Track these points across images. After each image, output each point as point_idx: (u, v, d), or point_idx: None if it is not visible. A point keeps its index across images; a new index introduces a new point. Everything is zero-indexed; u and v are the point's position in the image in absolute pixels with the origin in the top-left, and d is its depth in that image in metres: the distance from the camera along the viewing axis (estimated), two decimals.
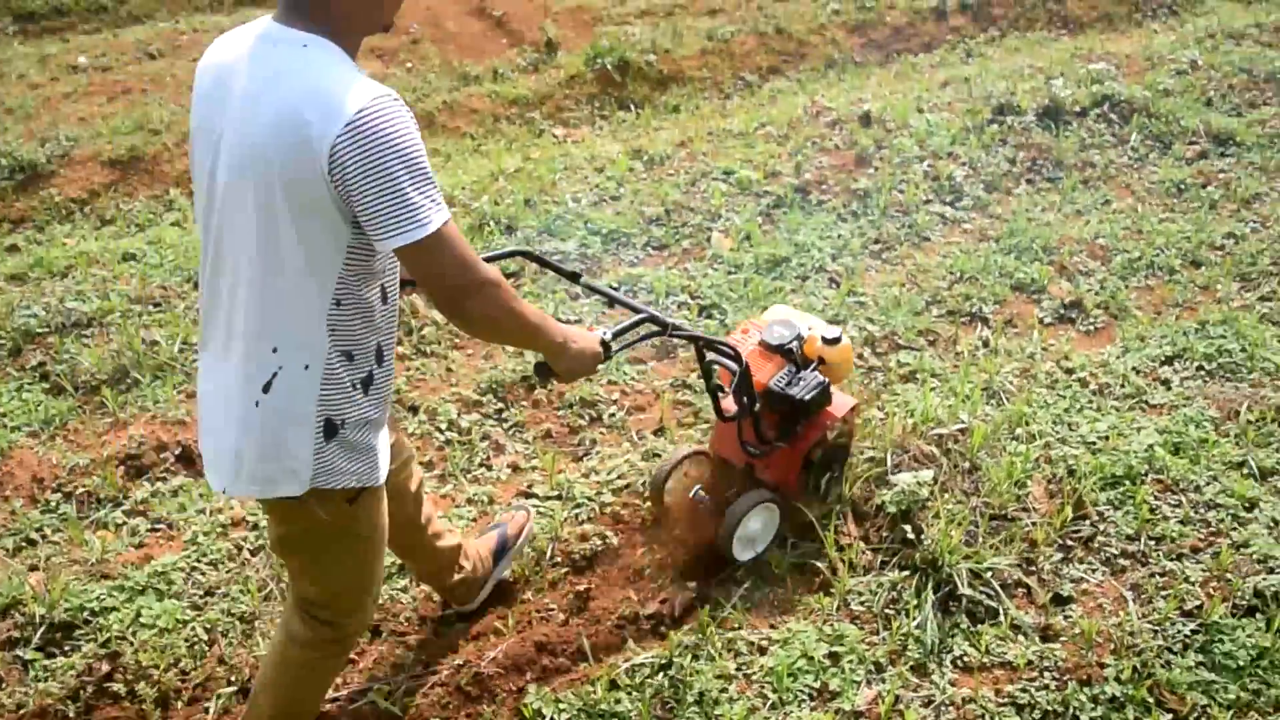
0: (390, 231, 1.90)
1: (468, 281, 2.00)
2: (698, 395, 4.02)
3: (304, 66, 1.91)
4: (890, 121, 5.70)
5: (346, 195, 1.89)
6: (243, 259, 2.01)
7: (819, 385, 3.13)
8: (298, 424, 2.07)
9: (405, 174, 1.88)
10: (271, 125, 1.89)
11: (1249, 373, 4.05)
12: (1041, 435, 3.70)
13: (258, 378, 2.05)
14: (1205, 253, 4.85)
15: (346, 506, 2.20)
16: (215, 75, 2.03)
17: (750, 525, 3.20)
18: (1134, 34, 7.54)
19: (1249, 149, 5.66)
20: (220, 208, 2.02)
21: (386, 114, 1.88)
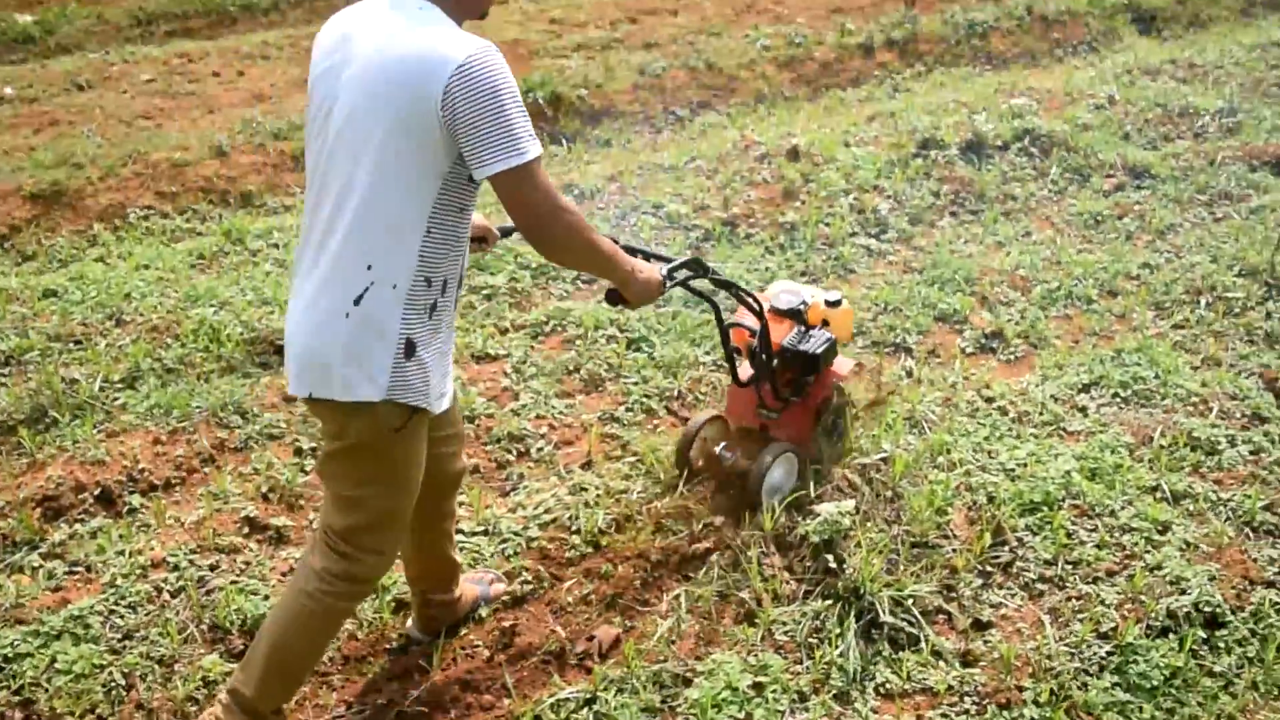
0: (494, 158, 2.17)
1: (553, 206, 2.27)
2: (625, 428, 4.04)
3: (421, 22, 2.25)
4: (818, 155, 5.80)
5: (454, 128, 2.16)
6: (351, 185, 2.26)
7: (828, 341, 3.46)
8: (383, 337, 2.30)
9: (508, 109, 2.18)
10: (395, 69, 2.19)
11: (1162, 399, 4.16)
12: (962, 463, 3.77)
13: (351, 290, 2.28)
14: (1121, 282, 4.99)
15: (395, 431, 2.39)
16: (340, 33, 2.34)
17: (775, 475, 3.46)
18: (1055, 70, 7.76)
19: (1163, 181, 5.84)
20: (334, 143, 2.29)
21: (490, 61, 2.19)
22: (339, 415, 2.41)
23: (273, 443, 3.87)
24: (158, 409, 3.99)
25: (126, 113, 8.39)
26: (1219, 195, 5.75)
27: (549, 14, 10.55)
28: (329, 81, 2.31)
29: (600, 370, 4.30)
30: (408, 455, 2.49)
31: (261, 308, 4.46)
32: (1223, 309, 4.75)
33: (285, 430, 3.90)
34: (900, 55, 7.83)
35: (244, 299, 4.51)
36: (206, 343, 4.27)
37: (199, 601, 3.24)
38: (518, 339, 4.47)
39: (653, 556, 3.43)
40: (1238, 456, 3.87)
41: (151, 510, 3.60)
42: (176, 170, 5.71)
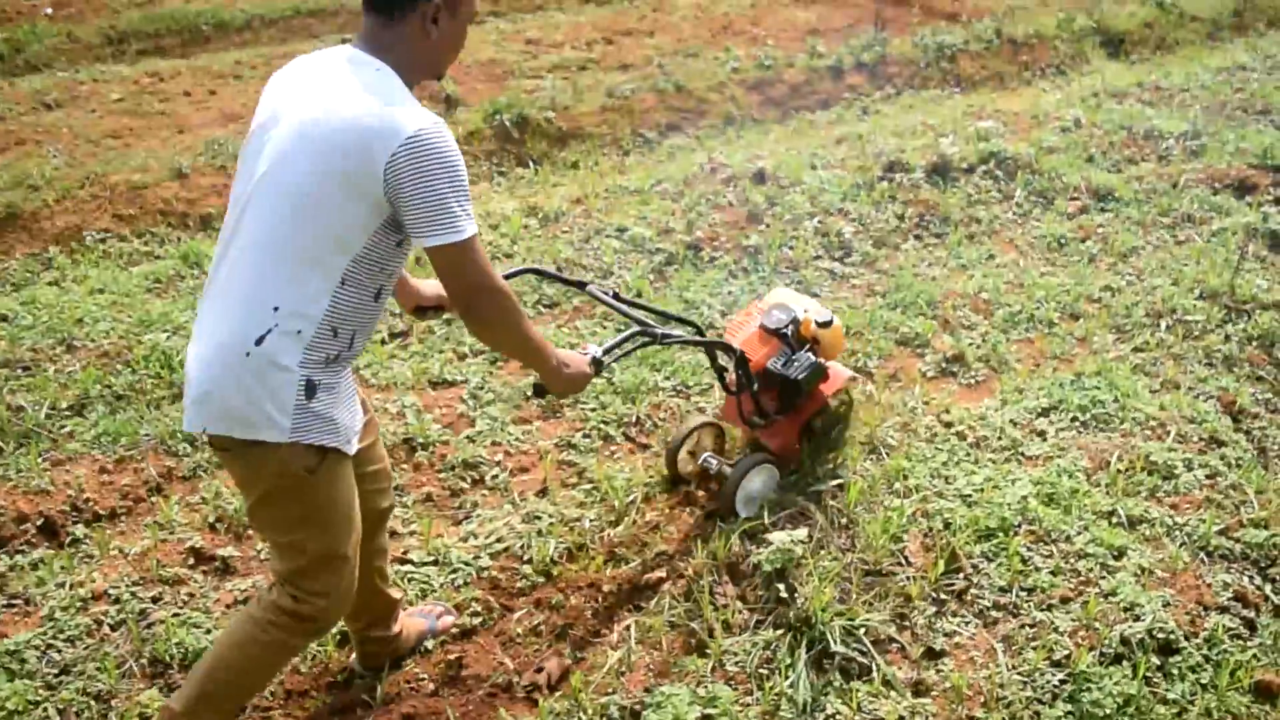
0: (433, 232, 2.22)
1: (485, 285, 2.32)
2: (581, 454, 4.01)
3: (376, 86, 2.26)
4: (784, 178, 5.80)
5: (396, 197, 2.20)
6: (269, 227, 2.27)
7: (811, 366, 3.51)
8: (283, 378, 2.28)
9: (449, 187, 2.22)
10: (343, 127, 2.21)
11: (1120, 423, 4.15)
12: (919, 489, 3.75)
13: (253, 330, 2.26)
14: (1083, 305, 4.99)
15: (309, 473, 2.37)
16: (294, 77, 2.37)
17: (751, 485, 3.53)
18: (1024, 92, 7.79)
19: (1127, 204, 5.85)
20: (260, 184, 2.28)
21: (438, 138, 2.23)
22: (245, 459, 2.39)
23: (221, 471, 3.82)
24: (105, 437, 3.94)
25: (95, 132, 8.33)
26: (1181, 218, 5.77)
27: (525, 34, 10.56)
28: (271, 126, 2.32)
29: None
30: (332, 496, 2.46)
31: None
32: (1182, 332, 4.76)
33: None
34: (870, 78, 7.85)
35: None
36: (158, 369, 4.22)
37: (139, 635, 3.18)
38: (476, 364, 4.43)
39: (604, 586, 3.39)
40: (1194, 480, 3.86)
41: (95, 541, 3.54)
42: (135, 192, 5.66)
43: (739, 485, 3.51)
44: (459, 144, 5.98)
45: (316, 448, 2.36)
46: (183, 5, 11.48)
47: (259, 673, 2.65)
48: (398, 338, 4.60)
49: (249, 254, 2.30)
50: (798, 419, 3.69)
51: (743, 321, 3.68)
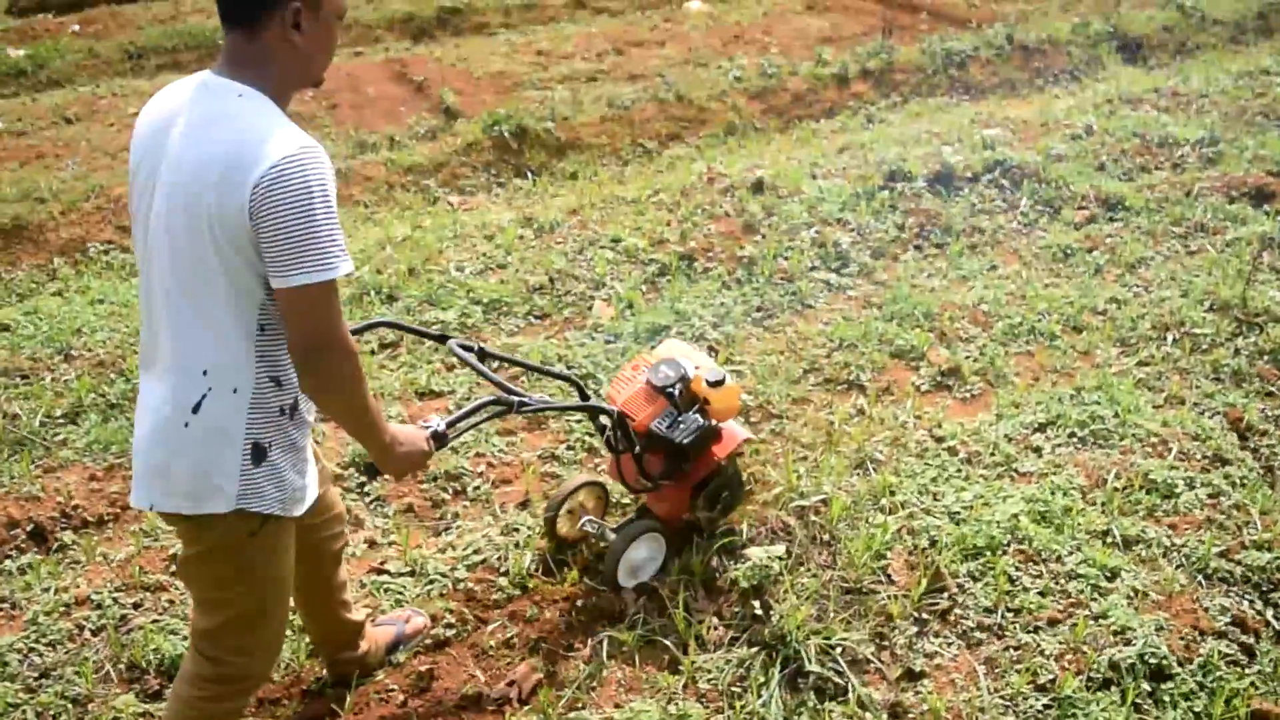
0: (292, 270, 2.02)
1: (335, 339, 2.11)
2: (565, 466, 3.96)
3: (237, 114, 2.07)
4: (782, 188, 5.73)
5: (258, 232, 2.01)
6: (174, 288, 2.14)
7: (698, 429, 3.22)
8: (227, 444, 2.17)
9: (320, 218, 2.02)
10: (204, 165, 2.04)
11: (1120, 439, 4.05)
12: (906, 505, 3.66)
13: (188, 398, 2.16)
14: (1087, 318, 4.88)
15: (250, 536, 2.27)
16: (155, 120, 2.17)
17: (635, 554, 3.29)
18: (1035, 100, 7.67)
19: (1137, 213, 5.74)
20: (154, 241, 2.15)
21: (306, 163, 2.02)
22: (187, 524, 2.29)
23: None
24: (96, 445, 3.95)
25: (112, 146, 8.40)
26: (1194, 227, 5.64)
27: (536, 46, 10.57)
28: (145, 177, 2.16)
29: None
30: (269, 559, 2.36)
31: None
32: (1189, 345, 4.64)
33: None
34: (875, 85, 7.76)
35: None
36: None
37: (118, 640, 3.17)
38: (464, 375, 4.39)
39: (579, 600, 3.34)
40: (1195, 500, 3.75)
41: (82, 547, 3.56)
42: None
43: (621, 556, 3.25)
44: (456, 155, 6.01)
45: (259, 514, 2.25)
46: (201, 21, 11.61)
47: None
48: (387, 349, 4.58)
49: (165, 319, 2.18)
50: (687, 483, 3.37)
51: (629, 377, 3.40)
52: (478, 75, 9.72)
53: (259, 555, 2.33)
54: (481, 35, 11.30)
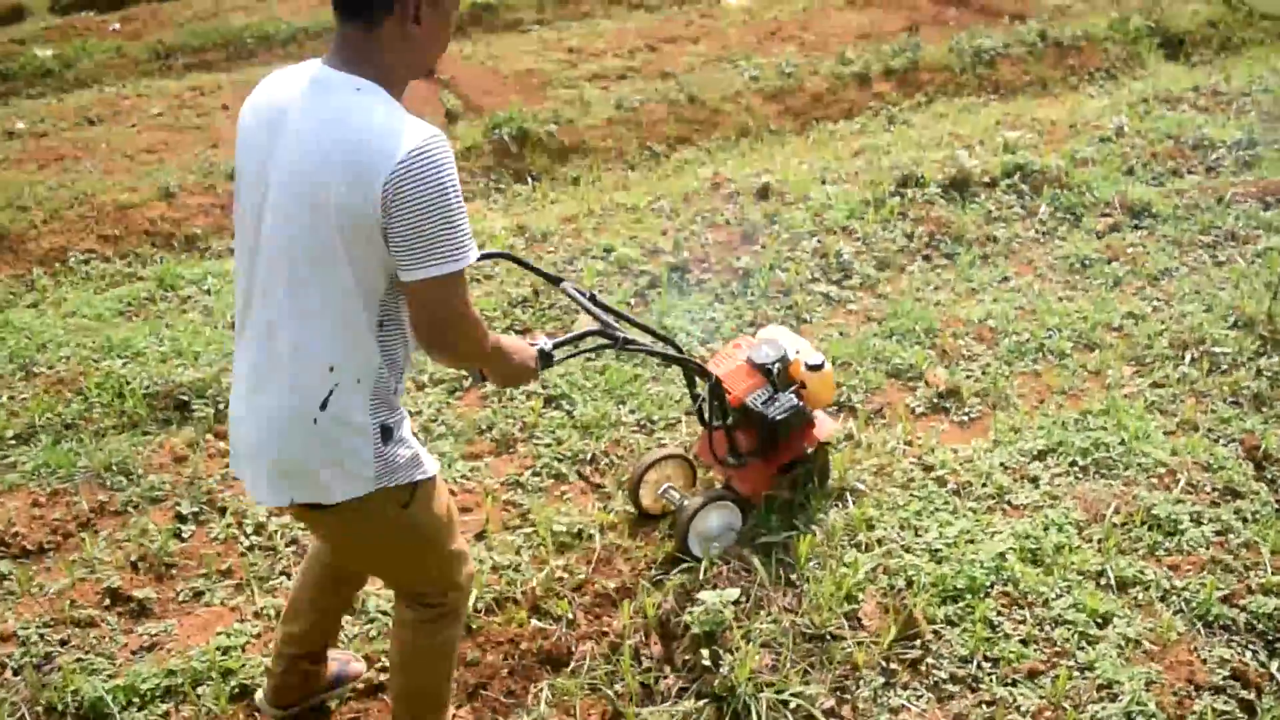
0: (429, 261, 2.04)
1: (465, 319, 2.17)
2: (529, 494, 3.78)
3: (360, 108, 2.05)
4: (789, 194, 5.49)
5: (390, 225, 2.02)
6: (294, 284, 2.13)
7: (792, 408, 3.26)
8: (357, 433, 2.21)
9: (452, 209, 2.05)
10: (331, 162, 2.02)
11: (1124, 469, 3.78)
12: (885, 541, 3.43)
13: (315, 395, 2.17)
14: (1101, 334, 4.59)
15: (403, 506, 2.33)
16: (265, 117, 2.15)
17: (707, 522, 3.30)
18: (1068, 99, 7.32)
19: (1164, 220, 5.41)
20: (270, 237, 2.14)
21: (435, 155, 2.03)
22: (336, 518, 2.31)
23: (154, 506, 3.69)
24: (45, 468, 3.84)
25: (131, 147, 8.41)
26: (1224, 236, 5.30)
27: (567, 43, 10.40)
28: (257, 177, 2.15)
29: (513, 430, 4.05)
30: (432, 517, 2.42)
31: (174, 360, 4.30)
32: (1208, 365, 4.33)
33: (168, 494, 3.72)
34: (900, 85, 7.45)
35: (159, 350, 4.36)
36: (110, 397, 4.11)
37: (38, 681, 3.05)
38: (434, 394, 4.24)
39: (522, 644, 3.16)
40: (1200, 538, 3.47)
41: (18, 578, 3.43)
42: (121, 213, 5.60)
43: (691, 521, 3.27)
44: (457, 158, 5.92)
45: (408, 485, 2.31)
46: (241, 19, 11.62)
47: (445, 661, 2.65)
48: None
49: (286, 317, 2.17)
50: (773, 464, 3.41)
51: (729, 354, 3.45)
52: (505, 74, 9.58)
53: (420, 519, 2.39)
54: (515, 32, 11.16)
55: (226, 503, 3.69)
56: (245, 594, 3.39)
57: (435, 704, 2.69)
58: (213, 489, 3.74)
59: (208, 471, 3.81)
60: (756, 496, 3.42)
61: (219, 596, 3.38)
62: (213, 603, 3.36)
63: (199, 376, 4.10)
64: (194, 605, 3.37)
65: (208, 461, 3.85)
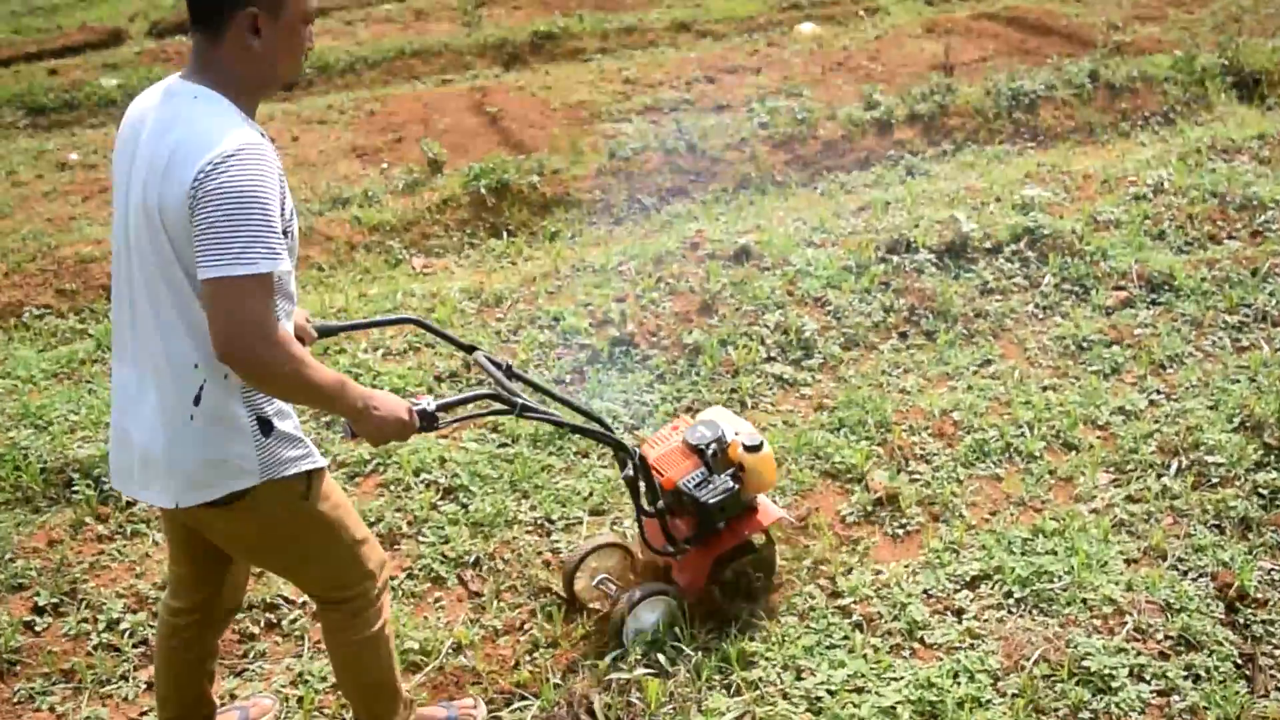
0: (214, 262, 2.05)
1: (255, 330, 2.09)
2: (398, 600, 3.51)
3: (190, 114, 2.15)
4: (768, 257, 5.10)
5: (193, 222, 2.07)
6: (151, 284, 2.20)
7: (727, 491, 3.13)
8: (234, 426, 2.25)
9: (251, 213, 2.06)
10: (160, 168, 2.12)
11: (1065, 605, 3.30)
12: (761, 683, 3.05)
13: (187, 393, 2.23)
14: (1081, 433, 4.08)
15: (302, 498, 2.37)
16: (127, 125, 2.29)
17: (645, 617, 3.15)
18: (1117, 146, 6.68)
19: (1185, 296, 4.81)
20: (132, 239, 2.23)
21: (244, 159, 2.07)
22: (226, 518, 2.34)
23: (13, 595, 3.56)
24: None
25: None
26: (1254, 316, 4.68)
27: (625, 73, 10.18)
28: (120, 177, 2.27)
29: (401, 524, 3.79)
30: (330, 507, 2.45)
31: (80, 432, 4.19)
32: (1195, 478, 3.78)
33: (32, 581, 3.59)
34: (923, 132, 6.91)
35: (69, 420, 4.26)
36: (9, 470, 4.02)
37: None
38: (335, 480, 4.01)
39: None
40: (1135, 699, 2.99)
41: None
42: (81, 266, 5.57)
43: (627, 616, 3.11)
44: (429, 213, 5.68)
45: (299, 476, 2.34)
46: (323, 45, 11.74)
47: (382, 655, 2.67)
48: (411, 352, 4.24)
49: (146, 319, 2.24)
50: (711, 552, 3.23)
51: (666, 436, 3.33)
52: (554, 106, 9.39)
53: (319, 511, 2.41)
54: (575, 61, 10.99)
55: (88, 594, 3.54)
56: (76, 701, 3.21)
57: (387, 693, 2.73)
58: (77, 578, 3.59)
59: (78, 558, 3.67)
60: (695, 588, 3.23)
61: (50, 701, 3.21)
62: (42, 707, 3.20)
63: (91, 453, 3.98)
64: (25, 709, 3.22)
65: (80, 547, 3.71)
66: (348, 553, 2.51)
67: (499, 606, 3.47)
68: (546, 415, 2.81)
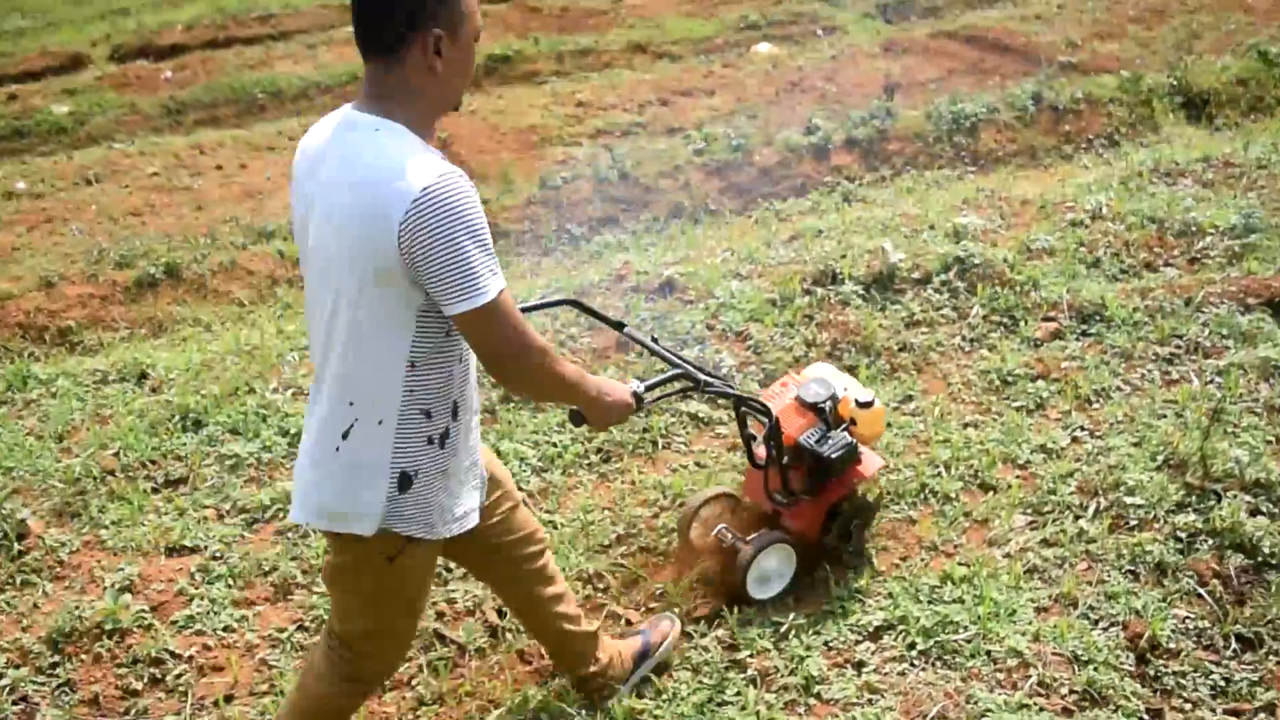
0: (453, 298, 2.12)
1: (517, 349, 2.23)
2: (288, 654, 3.39)
3: (377, 148, 2.14)
4: (692, 290, 4.99)
5: (413, 264, 2.10)
6: (333, 321, 2.24)
7: (846, 445, 3.32)
8: (372, 473, 2.28)
9: (466, 245, 2.10)
10: (349, 204, 2.14)
11: (969, 658, 3.18)
12: None
13: (338, 426, 2.29)
14: (1001, 473, 3.96)
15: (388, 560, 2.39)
16: (304, 161, 2.30)
17: (765, 564, 3.37)
18: (1060, 170, 6.59)
19: (1116, 327, 4.71)
20: (317, 277, 2.27)
21: (450, 189, 2.10)
22: (334, 538, 2.43)
23: None
24: None
25: (119, 209, 8.42)
26: (1186, 348, 4.58)
27: (578, 95, 10.10)
28: (303, 220, 2.30)
29: (295, 573, 3.66)
30: (404, 581, 2.48)
31: None
32: (1113, 520, 3.67)
33: None
34: (862, 157, 6.82)
35: None
36: None
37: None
38: (230, 527, 3.88)
39: None
40: None
41: None
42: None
43: (752, 563, 3.31)
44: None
45: (401, 537, 2.36)
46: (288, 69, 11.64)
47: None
48: (172, 485, 4.12)
49: (326, 350, 2.30)
50: (823, 501, 3.45)
51: (777, 393, 3.53)
52: (505, 130, 9.30)
53: (395, 578, 2.45)
54: (529, 84, 10.88)
55: None
56: None
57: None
58: None
59: None
60: (809, 533, 3.47)
61: None
62: None
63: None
64: None
65: None
66: (386, 629, 2.57)
67: None
68: (719, 389, 3.04)
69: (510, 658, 3.33)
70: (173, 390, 4.56)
